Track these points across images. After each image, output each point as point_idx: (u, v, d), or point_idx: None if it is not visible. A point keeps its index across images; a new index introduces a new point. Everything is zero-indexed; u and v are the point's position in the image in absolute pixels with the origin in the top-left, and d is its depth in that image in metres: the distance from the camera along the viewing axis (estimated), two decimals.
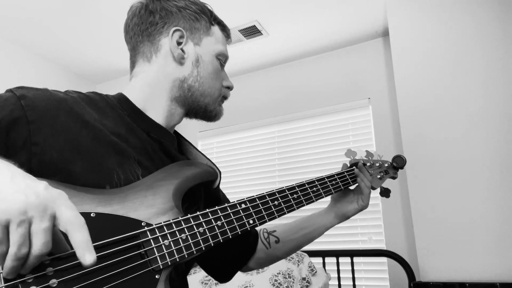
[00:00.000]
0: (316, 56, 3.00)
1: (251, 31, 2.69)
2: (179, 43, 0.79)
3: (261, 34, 2.72)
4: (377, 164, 1.10)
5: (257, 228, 1.00)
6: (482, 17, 2.06)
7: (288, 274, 1.92)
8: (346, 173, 1.01)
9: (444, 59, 2.11)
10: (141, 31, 0.79)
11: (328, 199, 1.04)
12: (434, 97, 2.08)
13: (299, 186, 0.87)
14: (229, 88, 0.87)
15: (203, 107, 0.81)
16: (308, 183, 0.90)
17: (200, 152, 0.86)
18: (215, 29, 0.84)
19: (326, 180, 0.95)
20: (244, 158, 3.09)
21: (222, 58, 0.84)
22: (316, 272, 2.04)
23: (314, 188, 0.90)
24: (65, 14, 2.56)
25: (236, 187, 3.04)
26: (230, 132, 3.20)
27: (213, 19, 0.84)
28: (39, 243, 0.42)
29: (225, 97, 0.87)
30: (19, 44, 2.94)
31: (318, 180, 0.93)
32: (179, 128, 0.85)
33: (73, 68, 3.32)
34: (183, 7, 0.80)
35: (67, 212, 0.44)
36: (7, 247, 0.41)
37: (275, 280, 1.89)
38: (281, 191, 0.83)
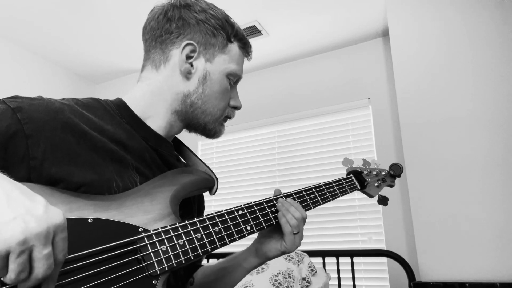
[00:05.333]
0: (316, 56, 3.00)
1: (251, 31, 2.69)
2: (189, 57, 0.77)
3: (261, 34, 2.72)
4: (374, 172, 1.10)
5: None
6: (482, 17, 2.06)
7: (288, 274, 1.93)
8: (344, 181, 0.99)
9: (444, 59, 2.11)
10: (155, 37, 0.78)
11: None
12: (434, 97, 2.08)
13: (296, 193, 0.86)
14: (236, 108, 0.85)
15: (202, 124, 0.80)
16: (305, 190, 0.89)
17: (199, 158, 0.86)
18: (233, 46, 0.81)
19: (324, 187, 0.93)
20: (244, 158, 3.09)
21: (233, 78, 0.82)
22: (316, 272, 2.05)
23: (312, 196, 0.89)
24: (65, 15, 2.56)
25: (236, 187, 3.04)
26: (230, 132, 3.20)
27: (234, 35, 0.81)
28: (43, 269, 0.42)
29: (228, 117, 0.85)
30: (20, 45, 2.94)
31: (315, 188, 0.91)
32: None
33: (74, 68, 3.33)
34: (202, 20, 0.77)
35: (61, 244, 0.44)
36: (6, 273, 0.41)
37: (275, 280, 1.90)
38: (278, 198, 0.82)
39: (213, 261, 0.88)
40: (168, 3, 0.79)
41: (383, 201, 1.09)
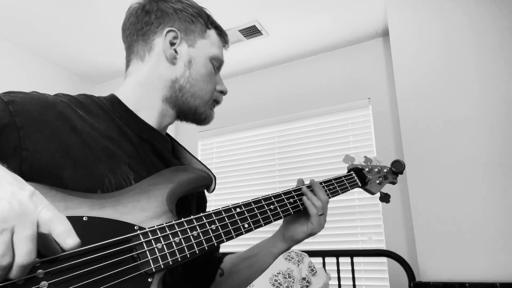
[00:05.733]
0: (316, 56, 3.00)
1: (251, 31, 2.68)
2: (172, 44, 0.79)
3: (261, 34, 2.72)
4: (376, 170, 1.09)
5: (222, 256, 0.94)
6: (481, 17, 2.05)
7: (288, 274, 1.92)
8: (344, 178, 0.99)
9: (444, 59, 2.10)
10: (136, 30, 0.80)
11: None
12: (434, 97, 2.08)
13: (295, 190, 0.86)
14: (223, 92, 0.87)
15: (193, 109, 0.81)
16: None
17: (194, 157, 0.86)
18: (211, 32, 0.84)
19: (324, 185, 0.93)
20: (244, 158, 3.09)
21: (216, 63, 0.83)
22: (316, 272, 2.04)
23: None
24: (65, 15, 2.56)
25: (236, 187, 3.04)
26: (230, 132, 3.20)
27: (210, 23, 0.84)
28: (23, 252, 0.41)
29: (217, 101, 0.86)
30: (20, 45, 2.95)
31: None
32: (180, 128, 0.84)
33: (73, 68, 3.33)
34: (179, 9, 0.80)
35: (46, 213, 0.44)
36: None
37: (275, 280, 1.90)
38: (277, 195, 0.82)
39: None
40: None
41: (385, 198, 1.08)
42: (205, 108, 0.83)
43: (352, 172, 1.04)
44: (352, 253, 2.17)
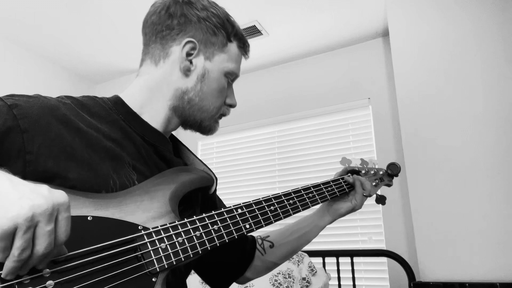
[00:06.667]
0: (316, 56, 3.00)
1: (251, 31, 2.69)
2: (189, 55, 0.78)
3: (261, 34, 2.73)
4: (372, 172, 1.11)
5: (253, 235, 1.00)
6: (481, 17, 2.06)
7: (288, 274, 1.93)
8: (341, 180, 1.02)
9: (444, 59, 2.11)
10: (156, 31, 0.78)
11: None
12: (434, 97, 2.08)
13: (295, 192, 0.88)
14: (231, 106, 0.86)
15: (199, 121, 0.81)
16: (304, 189, 0.91)
17: (197, 157, 0.86)
18: (232, 46, 0.82)
19: (322, 186, 0.95)
20: (244, 158, 3.09)
21: (230, 77, 0.83)
22: (316, 272, 2.05)
23: (310, 194, 0.91)
24: (65, 15, 2.56)
25: (236, 187, 3.05)
26: (230, 132, 3.20)
27: (233, 35, 0.82)
28: (44, 245, 0.43)
29: (223, 115, 0.86)
30: (20, 45, 2.95)
31: (314, 187, 0.93)
32: (180, 128, 0.85)
33: (74, 68, 3.33)
34: (203, 18, 0.78)
35: (63, 214, 0.45)
36: (7, 254, 0.41)
37: (275, 280, 1.90)
38: (277, 196, 0.83)
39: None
40: None
41: (381, 200, 1.10)
42: (210, 122, 0.82)
43: (349, 174, 1.06)
44: (352, 253, 2.18)
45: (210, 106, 0.80)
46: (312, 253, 2.21)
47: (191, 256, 0.62)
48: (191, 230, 0.64)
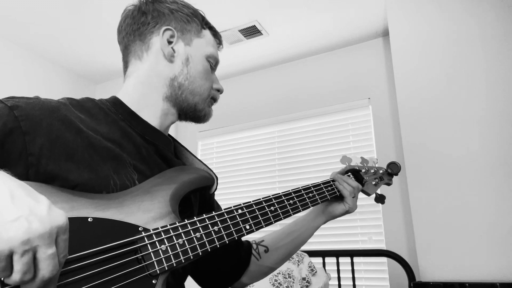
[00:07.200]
0: (316, 56, 3.00)
1: (251, 31, 2.69)
2: (169, 42, 0.80)
3: (261, 34, 2.72)
4: (372, 171, 1.11)
5: (249, 240, 0.99)
6: (482, 17, 2.06)
7: (288, 274, 1.93)
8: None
9: (444, 59, 2.11)
10: (133, 30, 0.81)
11: None
12: (434, 96, 2.08)
13: (295, 191, 0.88)
14: (219, 91, 0.88)
15: (193, 106, 0.82)
16: (304, 189, 0.91)
17: (196, 157, 0.87)
18: (206, 32, 0.86)
19: (322, 186, 0.95)
20: (244, 158, 3.09)
21: (212, 61, 0.85)
22: (316, 272, 2.05)
23: (310, 194, 0.91)
24: (65, 15, 2.56)
25: (236, 187, 3.05)
26: (230, 132, 3.20)
27: (205, 24, 0.86)
28: (49, 269, 0.42)
29: (214, 99, 0.88)
30: (20, 45, 2.94)
31: (314, 186, 0.93)
32: (180, 129, 0.85)
33: (74, 69, 3.33)
34: (175, 9, 0.82)
35: (62, 237, 0.44)
36: (10, 273, 0.40)
37: (275, 280, 1.90)
38: (277, 196, 0.83)
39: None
40: (139, 1, 0.83)
41: (380, 199, 1.10)
42: (204, 105, 0.84)
43: (349, 173, 1.05)
44: (352, 253, 2.18)
45: (201, 88, 0.82)
46: (312, 253, 2.21)
47: (191, 257, 0.62)
48: (191, 231, 0.64)
